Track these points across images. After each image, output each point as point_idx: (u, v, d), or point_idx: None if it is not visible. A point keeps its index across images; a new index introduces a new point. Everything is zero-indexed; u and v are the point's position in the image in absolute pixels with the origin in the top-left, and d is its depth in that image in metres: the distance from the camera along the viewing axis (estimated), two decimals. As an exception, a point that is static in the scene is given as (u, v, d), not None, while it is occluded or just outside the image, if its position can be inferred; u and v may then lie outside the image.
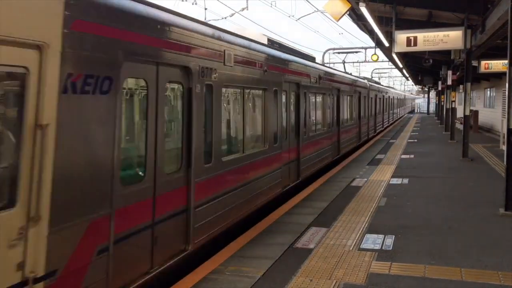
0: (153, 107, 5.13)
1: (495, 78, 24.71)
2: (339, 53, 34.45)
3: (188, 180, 5.76)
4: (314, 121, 12.43)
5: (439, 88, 34.79)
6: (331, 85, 14.10)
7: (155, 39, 5.10)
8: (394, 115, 41.86)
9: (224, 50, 6.72)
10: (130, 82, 4.88)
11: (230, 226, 6.89)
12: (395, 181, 11.24)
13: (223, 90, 6.79)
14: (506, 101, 8.03)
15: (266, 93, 8.61)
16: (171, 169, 5.53)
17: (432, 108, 64.39)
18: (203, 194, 6.08)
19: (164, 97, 5.36)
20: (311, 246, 6.31)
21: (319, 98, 12.89)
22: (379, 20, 13.67)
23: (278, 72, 9.18)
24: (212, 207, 6.32)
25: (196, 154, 5.87)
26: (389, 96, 36.16)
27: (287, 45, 11.34)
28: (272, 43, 9.86)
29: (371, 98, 24.13)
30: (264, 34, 9.84)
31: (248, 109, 8.08)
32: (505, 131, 8.44)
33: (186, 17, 5.97)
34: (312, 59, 13.34)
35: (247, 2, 20.43)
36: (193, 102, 5.84)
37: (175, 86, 5.70)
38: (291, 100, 10.31)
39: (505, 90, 8.25)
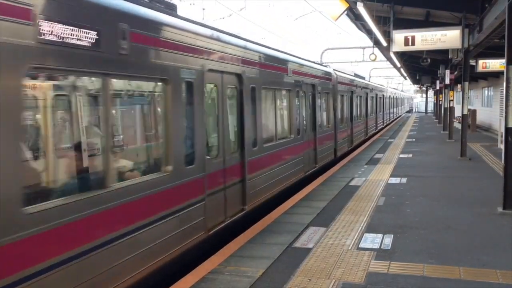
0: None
1: (493, 77, 24.74)
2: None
3: (315, 136, 12.61)
4: (359, 113, 21.50)
5: (437, 88, 34.77)
6: (371, 91, 25.41)
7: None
8: (395, 114, 49.85)
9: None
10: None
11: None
12: (394, 180, 11.25)
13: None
14: (504, 100, 8.05)
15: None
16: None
17: (430, 107, 64.42)
18: (320, 144, 13.02)
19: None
20: (310, 245, 6.32)
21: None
22: (377, 20, 13.68)
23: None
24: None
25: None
26: (395, 96, 47.76)
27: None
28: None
29: (384, 97, 34.83)
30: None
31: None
32: (503, 130, 8.45)
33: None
34: (363, 77, 24.99)
35: (245, 2, 20.42)
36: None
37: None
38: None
39: (503, 89, 8.27)
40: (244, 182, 7.64)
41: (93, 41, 4.23)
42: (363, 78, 25.46)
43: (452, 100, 22.45)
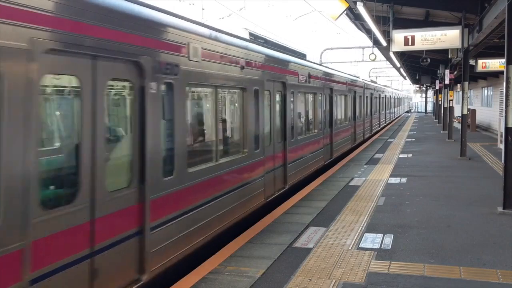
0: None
1: (492, 77, 24.75)
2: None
3: (331, 133, 14.56)
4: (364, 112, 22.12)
5: (437, 87, 34.80)
6: (373, 91, 25.91)
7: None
8: (395, 113, 50.60)
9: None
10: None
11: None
12: (393, 180, 11.25)
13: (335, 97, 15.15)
14: (504, 99, 8.06)
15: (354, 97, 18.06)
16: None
17: (430, 107, 64.33)
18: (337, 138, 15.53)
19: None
20: (310, 245, 6.32)
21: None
22: (377, 20, 13.67)
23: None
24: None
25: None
26: (396, 96, 49.46)
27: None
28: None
29: (364, 97, 36.16)
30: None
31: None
32: (502, 129, 8.46)
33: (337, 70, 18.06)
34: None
35: (245, 2, 20.45)
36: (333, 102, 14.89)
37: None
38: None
39: (503, 89, 8.27)
40: (285, 166, 9.84)
41: None
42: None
43: (452, 100, 22.46)
